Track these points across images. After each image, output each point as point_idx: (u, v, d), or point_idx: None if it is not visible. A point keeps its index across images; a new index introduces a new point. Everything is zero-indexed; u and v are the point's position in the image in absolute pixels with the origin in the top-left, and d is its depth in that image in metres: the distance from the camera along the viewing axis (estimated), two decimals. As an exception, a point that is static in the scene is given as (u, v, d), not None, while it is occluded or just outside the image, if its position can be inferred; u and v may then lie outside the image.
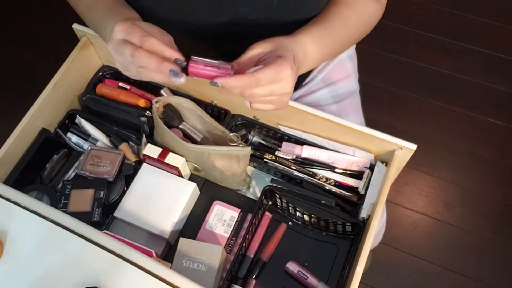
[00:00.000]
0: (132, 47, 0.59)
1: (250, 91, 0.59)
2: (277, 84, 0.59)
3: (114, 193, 0.81)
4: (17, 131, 0.79)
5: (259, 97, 0.60)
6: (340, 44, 0.74)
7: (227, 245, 0.78)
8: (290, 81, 0.60)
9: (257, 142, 0.85)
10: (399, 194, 1.59)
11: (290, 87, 0.60)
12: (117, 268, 0.62)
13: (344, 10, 0.74)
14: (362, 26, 0.76)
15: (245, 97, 0.61)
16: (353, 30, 0.75)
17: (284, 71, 0.59)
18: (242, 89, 0.59)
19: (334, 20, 0.72)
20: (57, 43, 1.88)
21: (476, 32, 1.89)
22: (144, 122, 0.84)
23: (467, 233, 1.52)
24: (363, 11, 0.75)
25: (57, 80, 0.83)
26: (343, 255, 0.78)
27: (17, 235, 0.66)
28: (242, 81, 0.58)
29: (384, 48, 1.86)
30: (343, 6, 0.74)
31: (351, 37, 0.75)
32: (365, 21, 0.76)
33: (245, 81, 0.58)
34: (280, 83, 0.59)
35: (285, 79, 0.59)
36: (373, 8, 0.76)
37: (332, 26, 0.71)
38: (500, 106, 1.73)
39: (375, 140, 0.77)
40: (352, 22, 0.74)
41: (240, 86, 0.59)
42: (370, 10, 0.76)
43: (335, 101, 0.96)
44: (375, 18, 0.78)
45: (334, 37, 0.72)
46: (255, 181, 0.85)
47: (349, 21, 0.73)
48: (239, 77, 0.58)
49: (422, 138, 1.68)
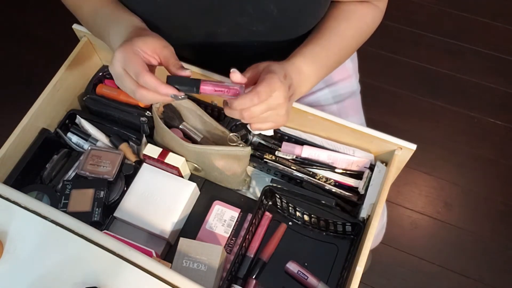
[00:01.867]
0: (131, 83, 0.61)
1: (249, 111, 0.60)
2: (270, 97, 0.60)
3: (114, 193, 0.81)
4: (17, 131, 0.79)
5: (257, 115, 0.61)
6: (337, 58, 0.74)
7: (227, 245, 0.78)
8: (281, 92, 0.60)
9: (257, 142, 0.85)
10: (399, 194, 1.59)
11: (283, 98, 0.61)
12: (117, 268, 0.62)
13: (340, 24, 0.73)
14: (359, 37, 0.76)
15: (244, 118, 0.62)
16: (350, 42, 0.75)
17: (274, 83, 0.60)
18: (243, 107, 0.60)
19: (329, 35, 0.72)
20: (57, 43, 1.88)
21: (476, 32, 1.89)
22: (144, 122, 0.84)
23: (467, 233, 1.52)
24: (360, 22, 0.75)
25: (57, 80, 0.83)
26: (343, 255, 0.78)
27: (17, 235, 0.66)
28: (244, 99, 0.59)
29: (384, 48, 1.86)
30: (340, 20, 0.74)
31: (348, 49, 0.75)
32: (362, 32, 0.76)
33: (247, 99, 0.59)
34: (272, 96, 0.60)
35: (277, 90, 0.60)
36: (371, 17, 0.76)
37: (327, 42, 0.72)
38: (500, 106, 1.73)
39: (375, 140, 0.77)
40: (348, 34, 0.74)
41: (242, 104, 0.60)
42: (368, 21, 0.76)
43: (336, 101, 0.96)
44: (373, 26, 0.78)
45: (329, 53, 0.72)
46: (255, 181, 0.85)
47: (345, 33, 0.73)
48: (241, 97, 0.59)
49: (422, 138, 1.68)
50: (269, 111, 0.61)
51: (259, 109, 0.60)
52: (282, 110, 0.63)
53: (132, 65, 0.60)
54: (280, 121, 0.64)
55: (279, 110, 0.62)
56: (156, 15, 0.72)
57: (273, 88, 0.60)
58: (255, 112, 0.60)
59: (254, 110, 0.60)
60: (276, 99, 0.61)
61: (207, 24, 0.72)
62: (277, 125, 0.65)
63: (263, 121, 0.63)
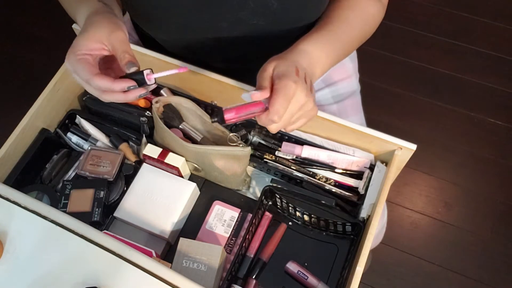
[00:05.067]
0: (89, 88, 0.62)
1: (274, 125, 0.60)
2: (292, 105, 0.59)
3: (114, 193, 0.81)
4: (17, 131, 0.79)
5: (288, 120, 0.60)
6: (346, 45, 0.73)
7: (227, 245, 0.78)
8: (301, 92, 0.59)
9: (257, 142, 0.85)
10: (399, 194, 1.59)
11: (304, 96, 0.59)
12: (117, 268, 0.62)
13: (346, 12, 0.73)
14: (365, 27, 0.76)
15: (272, 130, 0.61)
16: (357, 31, 0.74)
17: (289, 89, 0.58)
18: (272, 128, 0.60)
19: (338, 22, 0.72)
20: (57, 43, 1.88)
21: (476, 32, 1.89)
22: (144, 122, 0.84)
23: (467, 233, 1.52)
24: (365, 13, 0.75)
25: (57, 80, 0.83)
26: (343, 255, 0.78)
27: (17, 235, 0.66)
28: (266, 119, 0.59)
29: (384, 48, 1.86)
30: (345, 9, 0.73)
31: (356, 38, 0.75)
32: (368, 22, 0.76)
33: (267, 119, 0.58)
34: (292, 101, 0.59)
35: (296, 94, 0.59)
36: (376, 9, 0.76)
37: (335, 28, 0.71)
38: (500, 106, 1.73)
39: (375, 140, 0.77)
40: (355, 24, 0.73)
41: (265, 122, 0.59)
42: (373, 11, 0.76)
43: (336, 101, 0.96)
44: (377, 19, 0.78)
45: (339, 38, 0.71)
46: (255, 181, 0.85)
47: (352, 22, 0.73)
48: (264, 116, 0.59)
49: (422, 138, 1.68)
50: (296, 114, 0.61)
51: (285, 118, 0.60)
52: (309, 105, 0.61)
53: (80, 73, 0.61)
54: (312, 114, 0.63)
55: (306, 106, 0.61)
56: (156, 11, 0.72)
57: (289, 95, 0.58)
58: (286, 121, 0.60)
59: (285, 119, 0.59)
60: (298, 102, 0.59)
61: (208, 19, 0.72)
62: (311, 118, 0.64)
63: (296, 121, 0.63)
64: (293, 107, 0.59)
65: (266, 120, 0.59)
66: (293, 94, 0.58)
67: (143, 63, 0.86)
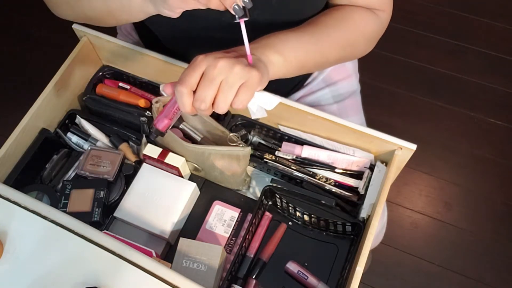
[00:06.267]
0: None
1: (202, 103, 0.56)
2: (203, 68, 0.55)
3: (114, 193, 0.81)
4: (17, 131, 0.79)
5: (208, 91, 0.55)
6: (315, 50, 0.70)
7: (227, 245, 0.78)
8: (209, 57, 0.55)
9: (257, 142, 0.85)
10: (399, 194, 1.59)
11: (219, 60, 0.55)
12: (117, 268, 0.62)
13: (333, 22, 0.71)
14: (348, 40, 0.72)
15: (202, 109, 0.57)
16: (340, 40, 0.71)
17: (195, 59, 0.56)
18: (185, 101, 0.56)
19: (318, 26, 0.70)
20: (57, 43, 1.87)
21: (476, 32, 1.89)
22: (144, 122, 0.84)
23: (467, 233, 1.52)
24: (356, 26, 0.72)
25: (57, 80, 0.83)
26: (343, 255, 0.78)
27: (17, 235, 0.66)
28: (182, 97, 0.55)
29: (384, 48, 1.85)
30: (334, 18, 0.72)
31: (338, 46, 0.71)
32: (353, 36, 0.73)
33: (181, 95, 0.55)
34: (201, 64, 0.55)
35: (205, 60, 0.55)
36: (369, 25, 0.73)
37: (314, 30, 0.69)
38: (500, 106, 1.73)
39: (375, 140, 0.77)
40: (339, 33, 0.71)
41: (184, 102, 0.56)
42: (365, 28, 0.73)
43: (336, 101, 0.96)
44: (370, 35, 0.75)
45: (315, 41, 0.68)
46: (255, 181, 0.85)
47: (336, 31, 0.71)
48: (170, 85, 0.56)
49: (422, 138, 1.68)
50: (220, 76, 0.55)
51: (206, 84, 0.55)
52: (235, 68, 0.55)
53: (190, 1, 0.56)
54: (248, 78, 0.56)
55: (229, 69, 0.55)
56: None
57: (195, 62, 0.55)
58: (206, 87, 0.55)
59: (204, 85, 0.55)
60: (210, 65, 0.55)
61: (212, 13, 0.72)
62: (253, 85, 0.57)
63: (229, 90, 0.56)
64: (209, 72, 0.55)
65: (183, 98, 0.55)
66: (199, 60, 0.56)
67: (143, 63, 0.86)
